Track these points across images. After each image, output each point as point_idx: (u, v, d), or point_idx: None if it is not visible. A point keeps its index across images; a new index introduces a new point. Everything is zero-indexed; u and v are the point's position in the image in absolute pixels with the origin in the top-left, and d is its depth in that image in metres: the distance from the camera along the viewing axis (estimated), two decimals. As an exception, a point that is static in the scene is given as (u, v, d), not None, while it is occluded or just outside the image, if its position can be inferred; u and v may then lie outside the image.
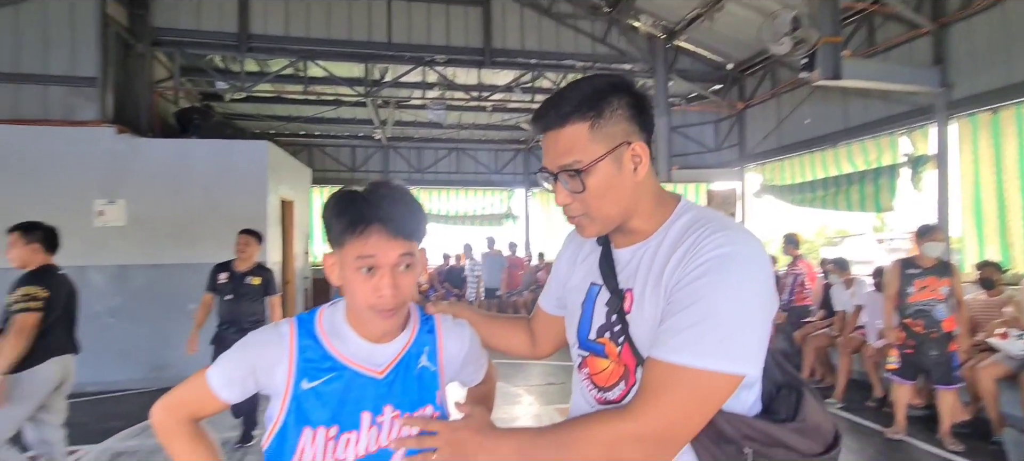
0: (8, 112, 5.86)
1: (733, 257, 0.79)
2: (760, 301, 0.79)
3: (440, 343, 1.01)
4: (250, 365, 0.92)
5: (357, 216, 0.87)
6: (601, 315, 0.95)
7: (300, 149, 11.07)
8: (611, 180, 0.87)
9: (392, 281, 0.88)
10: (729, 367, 0.77)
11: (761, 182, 8.52)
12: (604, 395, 0.94)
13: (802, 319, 5.87)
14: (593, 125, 0.86)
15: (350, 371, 0.92)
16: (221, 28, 7.04)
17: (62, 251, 5.72)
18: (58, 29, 5.99)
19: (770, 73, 8.02)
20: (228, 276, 3.95)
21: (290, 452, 0.89)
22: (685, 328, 0.78)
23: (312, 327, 0.94)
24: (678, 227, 0.89)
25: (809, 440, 0.85)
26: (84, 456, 3.82)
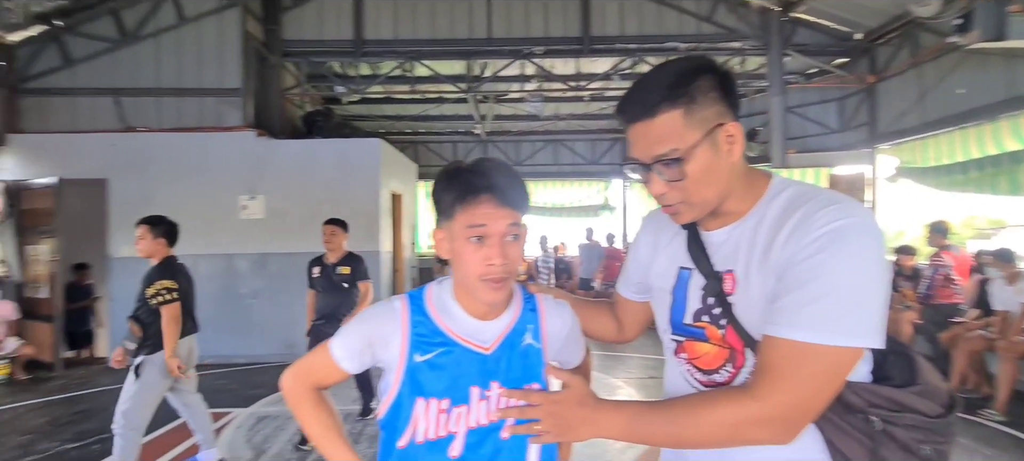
0: (174, 122, 6.87)
1: (849, 229, 0.77)
2: (880, 272, 0.78)
3: (543, 321, 1.02)
4: (367, 339, 0.97)
5: (467, 186, 0.89)
6: (696, 299, 0.93)
7: (406, 146, 11.74)
8: (709, 164, 0.85)
9: (501, 250, 0.89)
10: (854, 341, 0.76)
11: (897, 165, 7.55)
12: (710, 378, 0.93)
13: (949, 319, 5.15)
14: (687, 111, 0.84)
15: (459, 346, 0.94)
16: (339, 36, 7.64)
17: (214, 240, 6.64)
18: (209, 47, 6.89)
19: (909, 40, 7.06)
20: (320, 270, 3.94)
21: (405, 422, 0.93)
22: (806, 304, 0.76)
23: (422, 303, 0.98)
24: (779, 204, 0.87)
25: (932, 402, 0.83)
26: (234, 418, 4.39)
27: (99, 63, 6.84)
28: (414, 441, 0.93)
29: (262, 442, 3.88)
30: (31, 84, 6.77)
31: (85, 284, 6.91)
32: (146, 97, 6.89)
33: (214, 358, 6.47)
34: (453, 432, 0.93)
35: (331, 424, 1.01)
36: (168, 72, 6.89)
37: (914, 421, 0.81)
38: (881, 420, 0.80)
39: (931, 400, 0.83)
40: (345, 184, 6.63)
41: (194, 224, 6.51)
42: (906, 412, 0.81)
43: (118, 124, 6.81)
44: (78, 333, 6.80)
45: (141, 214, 6.66)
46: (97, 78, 6.84)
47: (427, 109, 10.20)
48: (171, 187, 6.53)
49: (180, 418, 3.39)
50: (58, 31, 6.71)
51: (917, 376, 0.84)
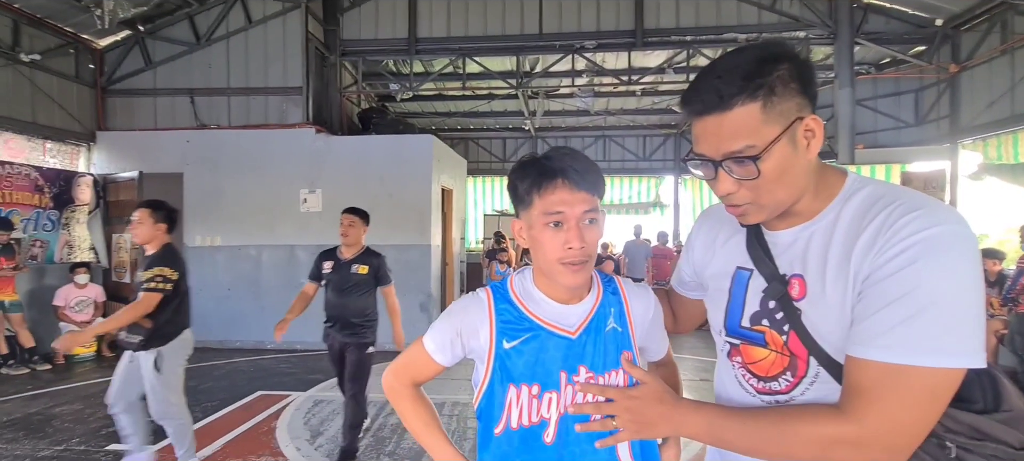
0: (243, 119, 7.28)
1: (942, 238, 0.71)
2: (978, 284, 0.72)
3: (626, 304, 1.02)
4: (456, 330, 0.99)
5: (542, 172, 0.91)
6: (755, 301, 0.89)
7: (457, 142, 11.92)
8: (786, 162, 0.79)
9: (579, 234, 0.90)
10: (956, 361, 0.70)
11: (980, 162, 6.95)
12: (767, 385, 0.88)
13: (1043, 330, 4.70)
14: (766, 104, 0.77)
15: (545, 331, 0.95)
16: (394, 35, 7.84)
17: (276, 232, 6.96)
18: (274, 48, 7.25)
19: (999, 24, 6.47)
20: (333, 265, 3.43)
21: (500, 408, 0.95)
22: (900, 323, 0.70)
23: (506, 292, 1.00)
24: (855, 205, 0.80)
25: (1018, 431, 0.75)
26: (293, 400, 4.62)
27: (176, 65, 7.34)
28: (509, 427, 0.94)
29: (318, 425, 4.07)
30: (117, 85, 7.34)
31: (163, 271, 7.43)
32: (217, 96, 7.33)
33: (276, 343, 6.83)
34: (546, 418, 0.94)
35: (430, 419, 1.04)
36: (237, 73, 7.30)
37: (995, 452, 0.74)
38: (957, 447, 0.74)
39: (1017, 429, 0.75)
40: (398, 179, 6.81)
41: (258, 216, 6.93)
42: (988, 441, 0.74)
43: (193, 122, 7.28)
44: (156, 316, 7.35)
45: (213, 205, 7.16)
46: (174, 79, 7.34)
47: (477, 105, 10.30)
48: (238, 180, 6.92)
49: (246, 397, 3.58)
50: (140, 36, 7.25)
51: (1003, 401, 0.76)
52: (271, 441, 3.77)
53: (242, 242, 6.95)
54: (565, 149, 0.95)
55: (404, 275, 6.73)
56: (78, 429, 4.00)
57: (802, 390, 0.84)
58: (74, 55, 6.90)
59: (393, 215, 6.80)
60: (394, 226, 6.80)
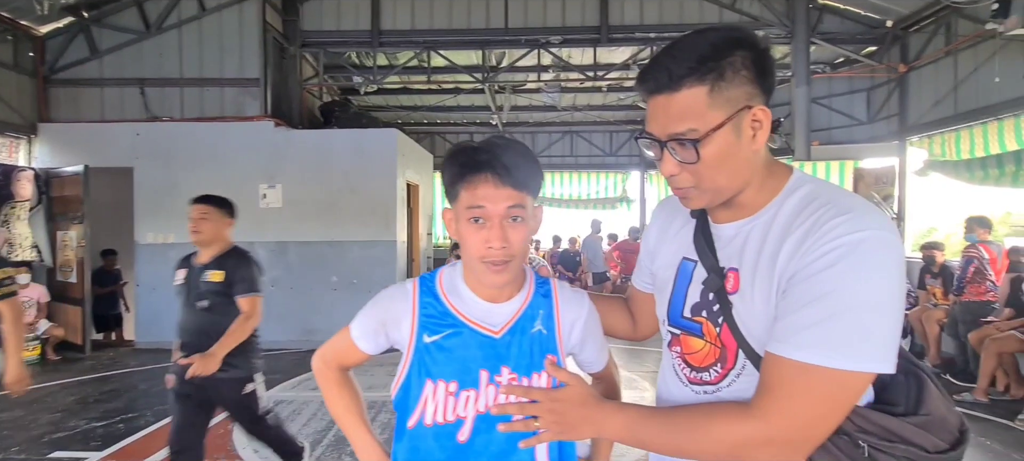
0: (197, 111, 7.01)
1: (865, 244, 0.71)
2: (895, 291, 0.72)
3: (556, 308, 0.99)
4: (380, 319, 0.98)
5: (468, 164, 0.87)
6: (696, 293, 0.89)
7: (423, 137, 11.79)
8: (728, 149, 0.78)
9: (501, 233, 0.87)
10: (865, 366, 0.71)
11: (926, 158, 7.29)
12: (699, 376, 0.89)
13: (980, 317, 4.96)
14: (713, 88, 0.76)
15: (468, 328, 0.93)
16: (357, 26, 7.68)
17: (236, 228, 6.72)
18: (230, 38, 6.99)
19: (944, 27, 6.78)
20: (186, 274, 2.58)
21: (415, 402, 0.93)
22: (815, 324, 0.71)
23: (433, 285, 0.98)
24: (793, 203, 0.80)
25: (933, 435, 0.76)
26: (254, 402, 4.49)
27: (125, 54, 7.00)
28: (423, 422, 0.92)
29: (277, 426, 3.96)
30: (60, 75, 6.96)
31: (113, 270, 7.12)
32: (170, 87, 7.04)
33: (234, 343, 6.63)
34: (462, 417, 0.92)
35: (352, 404, 1.03)
36: (190, 63, 7.02)
37: (907, 453, 0.75)
38: (870, 447, 0.75)
39: (934, 433, 0.76)
40: (362, 174, 6.69)
41: (215, 212, 6.69)
42: (899, 443, 0.75)
43: (143, 114, 6.97)
44: (107, 316, 7.03)
45: (165, 201, 6.87)
46: (123, 69, 7.00)
47: (444, 99, 10.20)
48: (193, 175, 6.66)
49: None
50: (85, 23, 6.88)
51: (923, 404, 0.78)
52: (227, 443, 3.66)
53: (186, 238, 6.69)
54: (501, 139, 0.90)
55: (369, 270, 6.63)
56: (18, 436, 3.79)
57: (729, 382, 0.85)
58: (12, 42, 6.50)
59: (357, 210, 6.68)
60: (358, 222, 6.68)
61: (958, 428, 0.79)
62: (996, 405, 4.36)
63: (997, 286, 5.05)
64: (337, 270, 6.69)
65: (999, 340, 4.49)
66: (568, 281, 6.22)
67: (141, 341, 6.63)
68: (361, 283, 6.64)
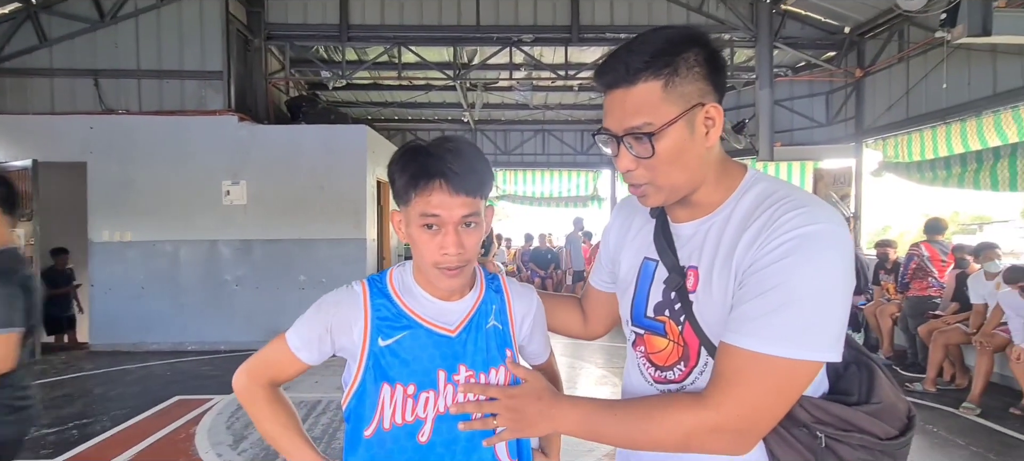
0: (155, 104, 6.74)
1: (815, 237, 0.74)
2: (844, 284, 0.74)
3: (508, 302, 1.00)
4: (325, 326, 0.92)
5: (420, 171, 0.85)
6: (658, 292, 0.90)
7: (394, 133, 11.64)
8: (683, 145, 0.80)
9: (456, 239, 0.86)
10: (813, 354, 0.73)
11: (880, 159, 7.62)
12: (663, 374, 0.90)
13: (926, 311, 5.23)
14: (667, 83, 0.78)
15: (423, 328, 0.92)
16: (325, 20, 7.52)
17: (196, 225, 6.55)
18: (190, 29, 6.75)
19: (897, 35, 7.09)
20: None
21: (372, 409, 0.90)
22: (765, 314, 0.73)
23: (384, 286, 0.95)
24: (748, 200, 0.83)
25: (884, 423, 0.80)
26: (215, 404, 4.37)
27: (77, 44, 6.68)
28: (382, 428, 0.90)
29: (243, 429, 3.86)
30: (6, 65, 6.59)
31: (64, 269, 6.80)
32: (126, 79, 6.74)
33: (198, 344, 6.42)
34: (421, 417, 0.90)
35: (289, 421, 0.96)
36: (148, 54, 6.74)
37: (862, 442, 0.78)
38: (826, 437, 0.78)
39: (885, 421, 0.80)
40: (331, 171, 6.57)
41: (175, 209, 6.46)
42: (854, 432, 0.78)
43: (97, 106, 6.66)
44: (59, 318, 6.70)
45: (122, 198, 6.61)
46: (75, 59, 6.68)
47: (415, 96, 10.09)
48: (152, 171, 6.42)
49: (162, 403, 3.28)
50: (33, 10, 6.53)
51: (874, 393, 0.82)
52: (189, 447, 3.55)
53: (157, 237, 6.46)
54: (451, 142, 0.88)
55: (338, 269, 6.52)
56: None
57: (693, 379, 0.87)
58: (-49, 28, 6.12)
59: (326, 208, 6.55)
60: (327, 219, 6.56)
61: (907, 415, 0.83)
62: (943, 394, 4.61)
63: (940, 282, 5.33)
64: (305, 269, 6.55)
65: (945, 333, 4.74)
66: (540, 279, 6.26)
67: (96, 344, 6.36)
68: (330, 282, 6.51)
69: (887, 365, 5.50)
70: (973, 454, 3.41)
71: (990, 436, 3.70)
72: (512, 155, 11.80)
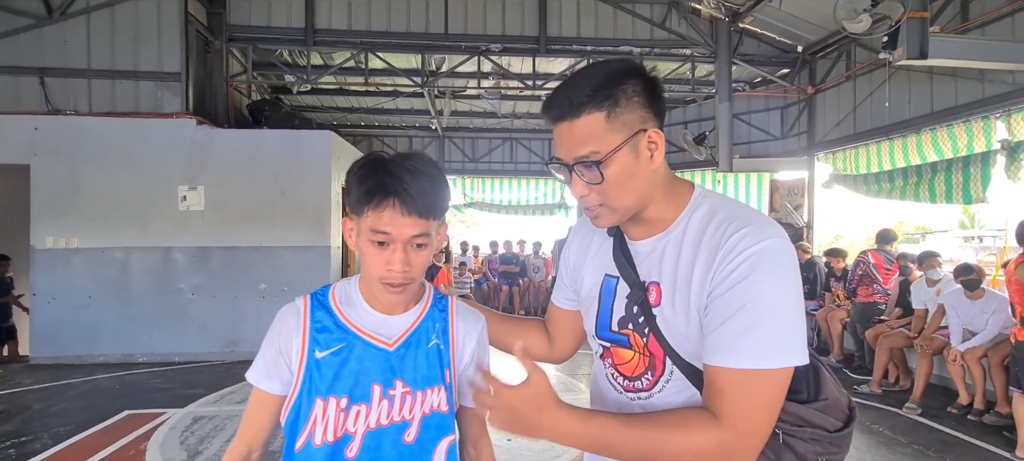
0: (107, 106, 6.45)
1: (766, 253, 0.80)
2: (796, 289, 0.82)
3: (452, 323, 1.00)
4: (276, 347, 0.92)
5: (376, 187, 0.85)
6: (621, 307, 0.95)
7: (361, 139, 11.49)
8: (629, 169, 0.85)
9: (404, 257, 0.87)
10: (790, 360, 0.80)
11: (831, 172, 8.01)
12: (632, 384, 0.95)
13: (872, 317, 5.52)
14: (610, 113, 0.83)
15: (361, 341, 0.92)
16: (289, 23, 7.39)
17: (149, 232, 6.29)
18: (147, 28, 6.51)
19: (845, 54, 7.50)
20: None
21: (304, 422, 0.90)
22: (746, 333, 0.79)
23: (325, 299, 0.96)
24: (698, 218, 0.89)
25: (831, 416, 0.87)
26: (169, 418, 4.19)
27: (21, 40, 6.34)
28: (312, 443, 0.89)
29: (197, 443, 3.72)
30: (-59, 59, 6.20)
31: (4, 277, 6.41)
32: (75, 78, 6.44)
33: (149, 356, 6.14)
34: (350, 432, 0.89)
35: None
36: (100, 53, 6.46)
37: (814, 435, 0.85)
38: (784, 433, 0.84)
39: (831, 415, 0.87)
40: (294, 176, 6.42)
41: (127, 214, 6.20)
42: (807, 427, 0.85)
43: (43, 106, 6.33)
44: (-2, 329, 6.32)
45: (68, 203, 6.29)
46: (19, 56, 6.34)
47: (382, 102, 10.01)
48: (103, 175, 6.14)
49: (109, 419, 3.15)
50: (-27, 3, 6.18)
51: (821, 390, 0.89)
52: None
53: (106, 244, 6.17)
54: (411, 161, 0.89)
55: (301, 277, 6.37)
56: None
57: (660, 387, 0.91)
58: None
59: (288, 214, 6.40)
60: (290, 226, 6.41)
61: (848, 407, 0.91)
62: (887, 395, 4.85)
63: (885, 289, 5.63)
64: (265, 277, 6.38)
65: (890, 336, 5.00)
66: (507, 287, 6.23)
67: (37, 357, 6.00)
68: (292, 290, 6.37)
69: (837, 368, 5.77)
70: (914, 451, 3.61)
71: (929, 434, 3.92)
72: (480, 163, 11.83)
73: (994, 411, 4.07)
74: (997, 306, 4.03)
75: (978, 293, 4.15)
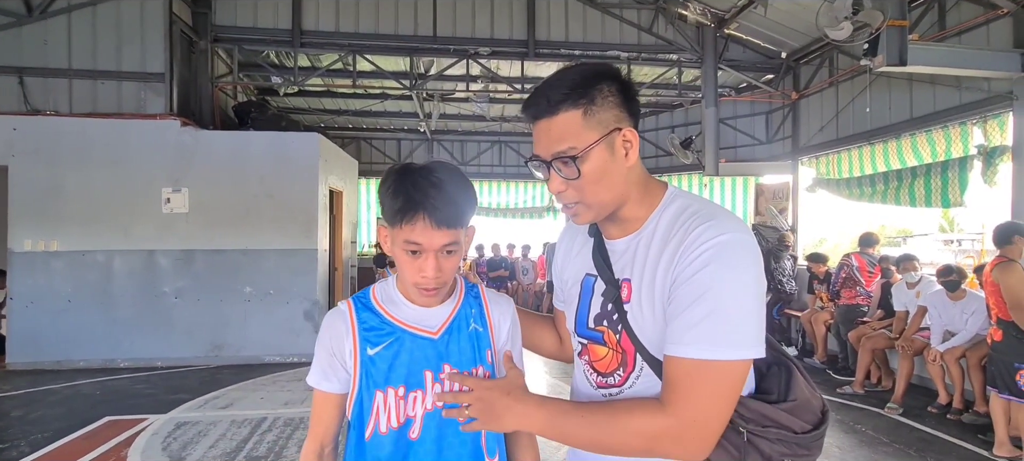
0: (88, 106, 6.34)
1: (726, 245, 0.82)
2: (757, 284, 0.83)
3: (487, 308, 1.08)
4: (329, 351, 1.01)
5: (406, 204, 0.91)
6: (598, 305, 0.98)
7: (348, 142, 11.43)
8: (605, 166, 0.88)
9: (436, 264, 0.94)
10: (744, 353, 0.81)
11: (814, 176, 8.14)
12: (605, 380, 0.97)
13: (855, 318, 5.61)
14: (586, 111, 0.87)
15: (408, 334, 1.00)
16: (276, 25, 7.34)
17: (132, 235, 6.19)
18: (130, 28, 6.42)
19: (828, 61, 7.63)
20: None
21: (368, 414, 0.98)
22: (698, 323, 0.80)
23: (368, 300, 1.03)
24: (668, 216, 0.91)
25: (800, 419, 0.89)
26: (151, 425, 4.12)
27: (0, 39, 6.22)
28: (379, 431, 0.97)
29: (180, 449, 3.66)
30: (-84, 57, 6.06)
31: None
32: (56, 78, 6.33)
33: (132, 361, 6.04)
34: (411, 416, 0.97)
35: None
36: (81, 53, 6.35)
37: (779, 436, 0.86)
38: (749, 433, 0.85)
39: (800, 416, 0.89)
40: (280, 179, 6.36)
41: (109, 217, 6.10)
42: (772, 427, 0.86)
43: (22, 107, 6.21)
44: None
45: (48, 204, 6.17)
46: (-3, 55, 6.22)
47: (370, 104, 9.96)
48: (84, 176, 6.03)
49: (89, 425, 3.09)
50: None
51: (791, 392, 0.90)
52: (119, 472, 3.32)
53: (87, 247, 6.05)
54: (436, 175, 0.94)
55: (288, 280, 6.31)
56: None
57: (631, 383, 0.93)
58: None
59: (275, 217, 6.34)
60: (277, 229, 6.34)
61: (820, 410, 0.93)
62: (870, 396, 4.94)
63: (867, 291, 5.73)
64: (251, 280, 6.30)
65: (872, 338, 5.09)
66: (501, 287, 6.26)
67: (15, 363, 5.86)
68: (279, 294, 6.31)
69: (820, 369, 5.86)
70: (896, 451, 3.68)
71: (910, 433, 3.99)
72: (469, 166, 11.81)
73: (972, 410, 4.16)
74: (977, 307, 4.12)
75: (959, 294, 4.24)
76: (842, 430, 4.07)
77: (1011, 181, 5.12)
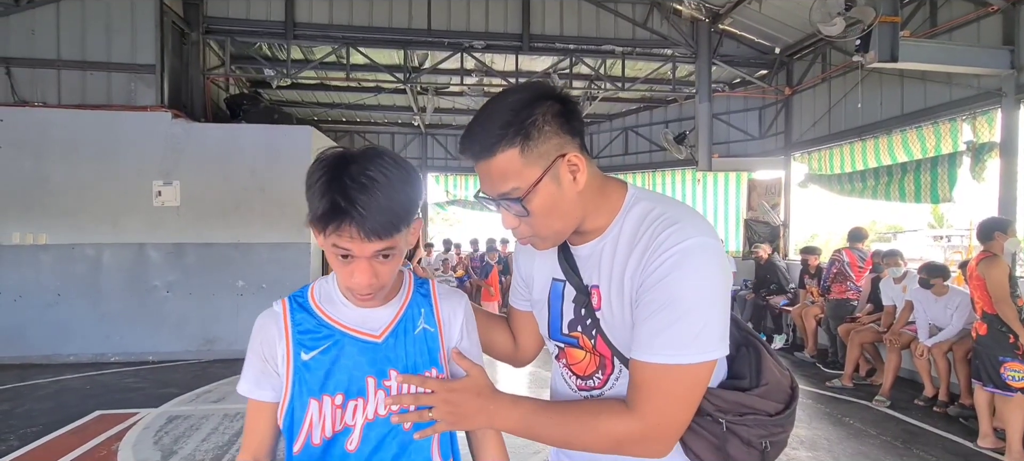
0: (77, 98, 6.27)
1: (689, 251, 0.81)
2: (721, 285, 0.83)
3: (436, 305, 0.99)
4: (260, 356, 0.91)
5: (331, 210, 0.78)
6: (570, 310, 0.96)
7: (342, 135, 11.38)
8: (553, 198, 0.85)
9: (369, 270, 0.83)
10: (707, 356, 0.82)
11: (806, 172, 8.19)
12: (586, 382, 0.98)
13: (845, 313, 5.66)
14: (523, 149, 0.82)
15: (347, 336, 0.91)
16: (269, 17, 7.28)
17: (122, 228, 6.14)
18: (120, 18, 6.34)
19: (821, 57, 7.67)
20: None
21: (299, 425, 0.89)
22: (664, 329, 0.81)
23: (305, 300, 0.94)
24: (632, 219, 0.89)
25: (773, 400, 0.92)
26: (142, 419, 4.10)
27: (-15, 28, 6.13)
28: (310, 443, 0.89)
29: (172, 443, 3.65)
30: (-101, 47, 5.95)
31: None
32: (43, 69, 6.25)
33: (122, 355, 6.00)
34: (350, 425, 0.90)
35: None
36: (70, 43, 6.27)
37: (756, 420, 0.89)
38: (727, 422, 0.88)
39: (773, 398, 0.91)
40: (273, 172, 6.32)
41: (98, 210, 6.03)
42: (749, 414, 0.89)
43: (8, 97, 6.13)
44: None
45: (35, 197, 6.11)
46: (-17, 45, 6.12)
47: (364, 98, 9.91)
48: (73, 169, 5.96)
49: (79, 419, 3.07)
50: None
51: (762, 375, 0.92)
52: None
53: (76, 240, 6.00)
54: (366, 175, 0.79)
55: (280, 275, 6.28)
56: None
57: (611, 385, 0.94)
58: None
59: (267, 211, 6.30)
60: (268, 223, 6.31)
61: (789, 387, 0.95)
62: (859, 389, 5.00)
63: (857, 286, 5.79)
64: (243, 274, 6.27)
65: (861, 332, 5.15)
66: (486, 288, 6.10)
67: (3, 357, 5.79)
68: (271, 287, 6.28)
69: (810, 363, 5.91)
70: (883, 443, 3.73)
71: (897, 425, 4.05)
72: (463, 160, 11.74)
73: (958, 403, 4.22)
74: (961, 302, 4.18)
75: (941, 289, 4.29)
76: (830, 422, 4.12)
77: (998, 177, 5.18)
